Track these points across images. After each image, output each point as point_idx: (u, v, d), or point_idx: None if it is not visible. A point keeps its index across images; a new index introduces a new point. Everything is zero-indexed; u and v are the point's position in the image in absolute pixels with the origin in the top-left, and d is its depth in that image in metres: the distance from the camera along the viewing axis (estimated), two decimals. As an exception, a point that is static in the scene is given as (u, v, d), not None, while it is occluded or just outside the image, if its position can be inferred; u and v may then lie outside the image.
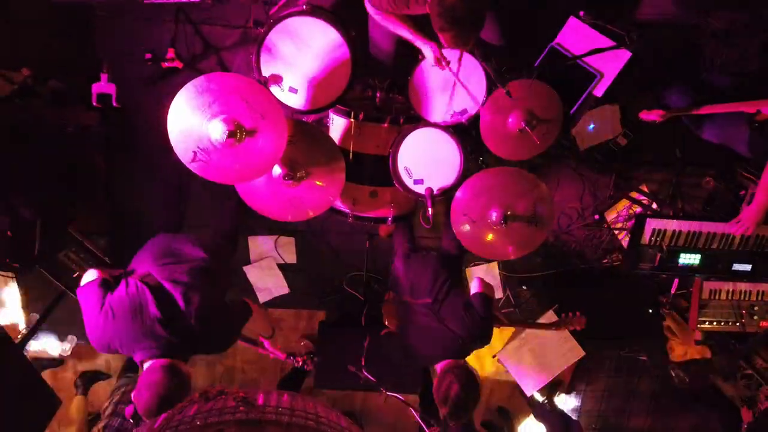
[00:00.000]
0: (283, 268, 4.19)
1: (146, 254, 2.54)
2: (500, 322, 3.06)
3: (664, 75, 3.42)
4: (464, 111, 2.94)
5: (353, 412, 4.76)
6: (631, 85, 3.34)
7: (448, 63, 2.71)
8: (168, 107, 2.43)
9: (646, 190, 3.93)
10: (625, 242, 4.03)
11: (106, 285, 2.30)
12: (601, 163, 3.87)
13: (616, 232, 4.08)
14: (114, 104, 2.81)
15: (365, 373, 3.07)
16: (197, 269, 2.49)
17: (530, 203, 2.78)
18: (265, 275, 4.22)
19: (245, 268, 4.13)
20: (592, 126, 3.70)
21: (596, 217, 4.04)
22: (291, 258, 4.18)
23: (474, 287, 2.81)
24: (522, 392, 4.23)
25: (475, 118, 2.91)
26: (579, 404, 4.84)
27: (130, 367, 3.99)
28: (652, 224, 3.26)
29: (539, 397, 4.40)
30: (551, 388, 4.43)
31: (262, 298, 4.27)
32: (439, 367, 2.48)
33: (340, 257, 4.15)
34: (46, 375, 4.23)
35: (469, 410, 2.37)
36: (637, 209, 3.87)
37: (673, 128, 3.39)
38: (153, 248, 2.59)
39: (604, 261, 4.16)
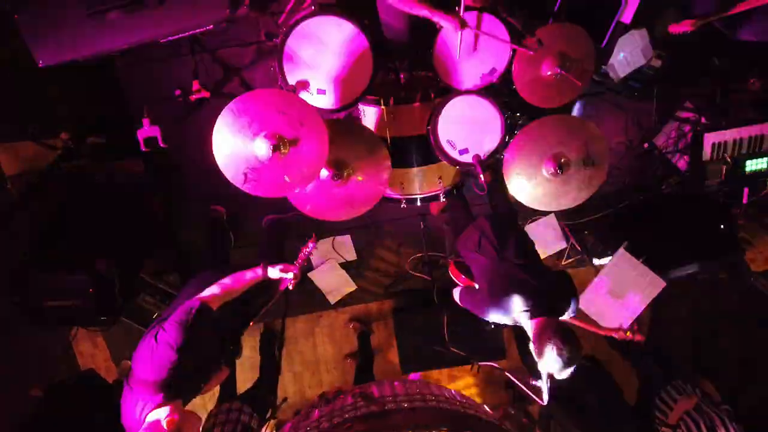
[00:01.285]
0: (346, 266, 4.25)
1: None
2: None
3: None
4: (493, 70, 2.89)
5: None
6: (654, 2, 3.22)
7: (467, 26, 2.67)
8: (207, 137, 2.48)
9: (691, 106, 3.80)
10: (680, 164, 3.92)
11: None
12: (640, 90, 3.75)
13: (670, 155, 3.96)
14: (161, 145, 2.89)
15: (453, 349, 3.09)
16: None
17: (582, 145, 2.73)
18: (330, 277, 4.28)
19: (309, 275, 4.21)
20: (622, 55, 3.59)
21: (645, 145, 3.94)
22: (351, 255, 4.23)
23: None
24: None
25: (506, 75, 2.87)
26: (666, 336, 4.75)
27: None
28: (710, 139, 3.16)
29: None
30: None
31: (333, 299, 4.35)
32: (534, 326, 2.45)
33: (397, 244, 4.18)
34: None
35: (574, 363, 2.35)
36: (687, 128, 3.75)
37: (706, 37, 3.26)
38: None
39: (663, 188, 4.05)
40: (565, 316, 2.63)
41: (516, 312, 2.52)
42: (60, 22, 2.28)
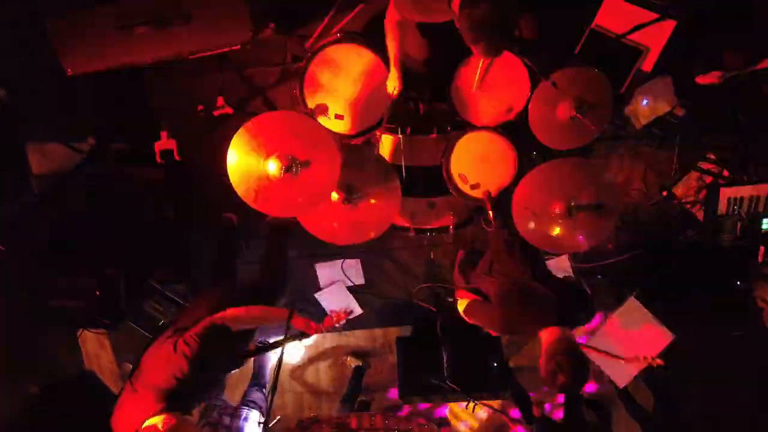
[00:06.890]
0: (353, 290, 4.24)
1: None
2: None
3: (715, 36, 3.26)
4: (510, 109, 2.91)
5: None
6: (681, 52, 3.21)
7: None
8: (224, 153, 2.54)
9: (713, 158, 3.74)
10: (700, 216, 3.84)
11: None
12: (662, 138, 3.72)
13: (689, 206, 3.89)
14: (176, 158, 2.96)
15: (449, 384, 3.05)
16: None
17: (593, 192, 2.71)
18: (337, 299, 4.28)
19: (316, 295, 4.22)
20: (645, 102, 3.57)
21: (664, 194, 3.87)
22: (359, 279, 4.23)
23: None
24: (613, 384, 4.07)
25: (523, 114, 2.88)
26: (678, 390, 4.60)
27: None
28: (726, 193, 3.11)
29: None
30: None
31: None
32: (544, 339, 2.37)
33: (406, 272, 4.17)
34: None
35: (580, 384, 2.28)
36: (708, 179, 3.69)
37: (733, 89, 3.23)
38: None
39: (681, 238, 3.97)
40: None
41: (526, 323, 2.46)
42: (89, 33, 2.37)
